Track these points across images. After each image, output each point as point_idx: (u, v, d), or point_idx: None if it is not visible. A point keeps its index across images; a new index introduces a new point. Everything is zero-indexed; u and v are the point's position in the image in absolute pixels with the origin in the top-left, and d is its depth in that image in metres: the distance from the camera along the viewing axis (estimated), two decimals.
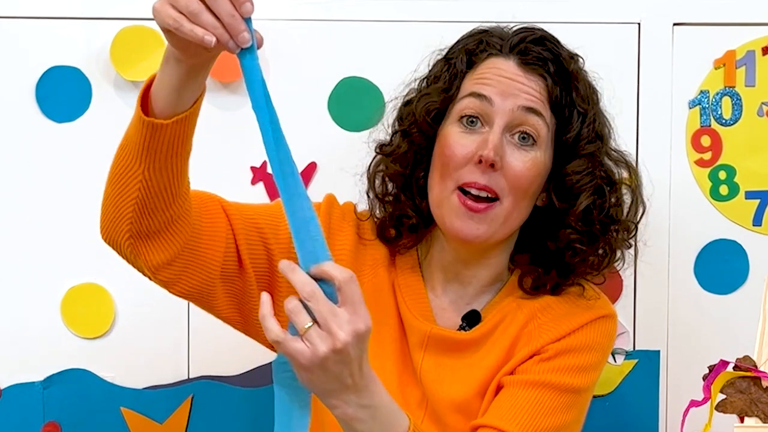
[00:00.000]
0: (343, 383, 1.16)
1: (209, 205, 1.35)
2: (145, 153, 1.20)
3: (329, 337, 1.12)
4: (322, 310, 1.13)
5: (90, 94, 1.73)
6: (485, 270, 1.45)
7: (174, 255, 1.28)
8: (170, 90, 1.19)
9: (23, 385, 1.73)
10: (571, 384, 1.39)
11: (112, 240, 1.28)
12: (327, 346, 1.12)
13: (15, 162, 1.73)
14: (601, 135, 1.44)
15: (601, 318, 1.45)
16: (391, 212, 1.46)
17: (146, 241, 1.26)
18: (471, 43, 1.45)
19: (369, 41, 1.74)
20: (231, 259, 1.36)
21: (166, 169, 1.22)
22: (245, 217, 1.38)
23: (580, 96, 1.42)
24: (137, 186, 1.22)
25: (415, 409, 1.41)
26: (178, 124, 1.20)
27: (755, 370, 1.40)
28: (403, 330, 1.44)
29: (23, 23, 1.72)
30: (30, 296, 1.74)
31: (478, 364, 1.42)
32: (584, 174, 1.42)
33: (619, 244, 1.47)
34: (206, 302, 1.37)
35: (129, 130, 1.22)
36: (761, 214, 1.78)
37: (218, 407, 1.75)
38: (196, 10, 1.10)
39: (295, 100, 1.74)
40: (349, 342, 1.13)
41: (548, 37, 1.43)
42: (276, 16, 1.74)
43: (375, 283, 1.45)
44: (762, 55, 1.77)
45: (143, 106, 1.20)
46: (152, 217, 1.24)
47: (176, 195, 1.24)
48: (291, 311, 1.13)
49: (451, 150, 1.38)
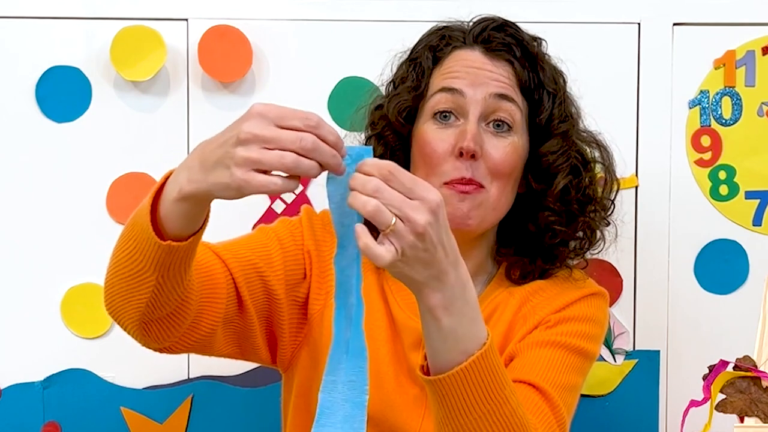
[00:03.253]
0: (438, 267, 1.11)
1: (205, 263, 1.31)
2: (159, 265, 1.15)
3: (413, 225, 1.07)
4: (395, 202, 1.06)
5: (90, 94, 1.73)
6: (469, 261, 1.45)
7: (183, 330, 1.26)
8: (187, 221, 1.13)
9: (23, 385, 1.73)
10: (579, 346, 1.39)
11: (119, 321, 1.25)
12: (412, 235, 1.07)
13: (15, 162, 1.73)
14: (571, 114, 1.46)
15: (593, 294, 1.46)
16: None
17: (155, 324, 1.23)
18: (434, 40, 1.46)
19: (369, 41, 1.74)
20: (232, 305, 1.34)
21: (179, 272, 1.18)
22: (239, 258, 1.35)
23: (548, 77, 1.44)
24: (150, 288, 1.17)
25: (414, 406, 1.41)
26: (194, 241, 1.16)
27: (755, 370, 1.40)
28: (396, 331, 1.44)
29: (23, 23, 1.72)
30: (30, 296, 1.74)
31: None
32: (559, 153, 1.43)
33: (597, 224, 1.49)
34: (206, 350, 1.36)
35: (138, 236, 1.15)
36: (761, 214, 1.78)
37: (218, 407, 1.75)
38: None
39: (295, 100, 1.73)
40: (429, 221, 1.07)
41: (509, 24, 1.45)
42: (276, 16, 1.74)
43: (364, 288, 1.44)
44: (762, 55, 1.77)
45: (152, 220, 1.14)
46: (163, 307, 1.21)
47: (187, 282, 1.21)
48: (373, 212, 1.05)
49: (430, 147, 1.39)
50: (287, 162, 1.03)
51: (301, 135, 1.03)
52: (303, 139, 1.03)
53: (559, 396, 1.33)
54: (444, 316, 1.14)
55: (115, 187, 1.73)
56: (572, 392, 1.38)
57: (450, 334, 1.15)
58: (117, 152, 1.73)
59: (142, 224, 1.13)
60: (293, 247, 1.42)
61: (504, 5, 1.65)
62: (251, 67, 1.72)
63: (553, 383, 1.34)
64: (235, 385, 1.75)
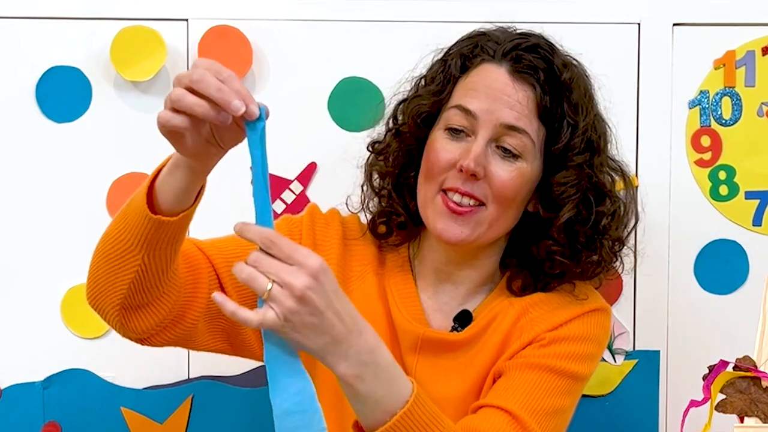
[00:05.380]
0: (332, 334, 1.15)
1: (188, 256, 1.34)
2: (146, 242, 1.21)
3: (290, 290, 1.11)
4: (272, 269, 1.12)
5: (90, 94, 1.73)
6: (476, 271, 1.46)
7: (162, 318, 1.29)
8: (178, 192, 1.19)
9: (23, 385, 1.73)
10: (568, 369, 1.39)
11: (99, 309, 1.28)
12: (291, 300, 1.11)
13: (15, 162, 1.73)
14: (593, 145, 1.43)
15: (595, 311, 1.45)
16: (381, 207, 1.47)
17: (135, 312, 1.27)
18: (467, 47, 1.45)
19: (369, 41, 1.74)
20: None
21: (165, 254, 1.23)
22: (225, 254, 1.37)
23: (572, 106, 1.41)
24: (135, 269, 1.22)
25: None
26: (183, 219, 1.21)
27: (755, 370, 1.40)
28: (395, 334, 1.44)
29: (23, 23, 1.72)
30: (30, 296, 1.74)
31: (472, 362, 1.43)
32: (569, 186, 1.41)
33: (609, 257, 1.46)
34: (190, 344, 1.38)
35: (129, 216, 1.22)
36: (761, 214, 1.78)
37: (218, 407, 1.75)
38: (181, 94, 1.11)
39: (295, 100, 1.74)
40: (308, 285, 1.12)
41: (543, 45, 1.42)
42: (276, 16, 1.74)
43: (364, 290, 1.45)
44: (762, 55, 1.77)
45: (147, 199, 1.20)
46: (145, 292, 1.25)
47: (172, 271, 1.26)
48: (248, 279, 1.12)
49: (435, 155, 1.39)
50: (173, 95, 1.11)
51: (193, 70, 1.11)
52: (193, 74, 1.11)
53: (537, 423, 1.33)
54: (357, 384, 1.17)
55: (115, 187, 1.73)
56: (556, 416, 1.38)
57: (369, 398, 1.18)
58: (117, 152, 1.73)
59: (137, 203, 1.20)
60: None
61: (504, 5, 1.66)
62: (251, 67, 1.72)
63: (533, 409, 1.34)
64: (235, 385, 1.75)
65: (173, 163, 1.19)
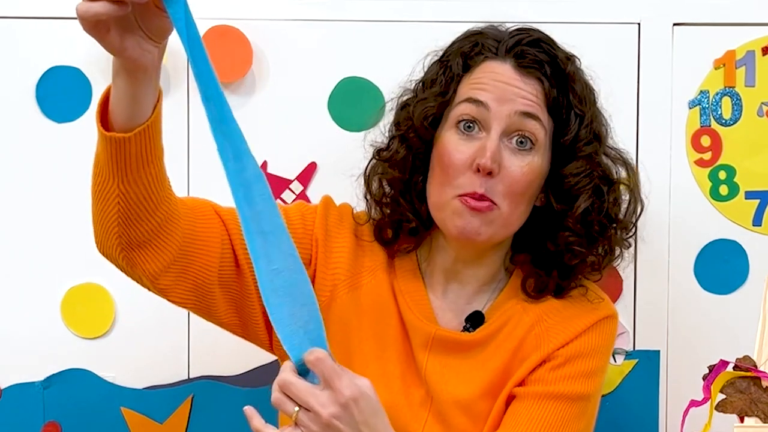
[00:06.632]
0: None
1: (202, 209, 1.35)
2: (115, 168, 1.21)
3: (316, 416, 1.19)
4: (300, 395, 1.20)
5: (90, 94, 1.73)
6: (483, 269, 1.46)
7: (169, 261, 1.29)
8: (126, 103, 1.19)
9: (23, 385, 1.73)
10: (581, 392, 1.41)
11: (106, 254, 1.30)
12: (317, 425, 1.19)
13: (15, 162, 1.73)
14: (598, 135, 1.44)
15: (605, 319, 1.45)
16: (389, 215, 1.46)
17: (139, 251, 1.27)
18: (466, 46, 1.44)
19: (369, 41, 1.74)
20: (228, 262, 1.36)
21: (140, 178, 1.22)
22: (237, 219, 1.37)
23: (577, 97, 1.42)
24: (116, 200, 1.23)
25: (419, 408, 1.42)
26: (141, 135, 1.20)
27: (755, 370, 1.40)
28: (405, 330, 1.44)
29: (23, 23, 1.72)
30: (30, 296, 1.74)
31: (483, 365, 1.42)
32: (582, 176, 1.41)
33: (618, 243, 1.47)
34: (205, 309, 1.38)
35: (97, 147, 1.23)
36: (761, 214, 1.78)
37: (218, 407, 1.75)
38: None
39: (295, 100, 1.74)
40: (335, 413, 1.18)
41: (544, 39, 1.42)
42: (276, 16, 1.74)
43: (374, 286, 1.45)
44: (762, 55, 1.77)
45: (103, 122, 1.21)
46: (138, 226, 1.25)
47: (158, 200, 1.25)
48: (277, 403, 1.22)
49: (449, 157, 1.38)
50: None
51: None
52: None
53: None
54: None
55: None
56: None
57: None
58: None
59: (97, 133, 1.21)
60: (301, 229, 1.43)
61: (504, 5, 1.66)
62: (251, 67, 1.72)
63: None
64: (235, 385, 1.75)
65: (114, 73, 1.17)
